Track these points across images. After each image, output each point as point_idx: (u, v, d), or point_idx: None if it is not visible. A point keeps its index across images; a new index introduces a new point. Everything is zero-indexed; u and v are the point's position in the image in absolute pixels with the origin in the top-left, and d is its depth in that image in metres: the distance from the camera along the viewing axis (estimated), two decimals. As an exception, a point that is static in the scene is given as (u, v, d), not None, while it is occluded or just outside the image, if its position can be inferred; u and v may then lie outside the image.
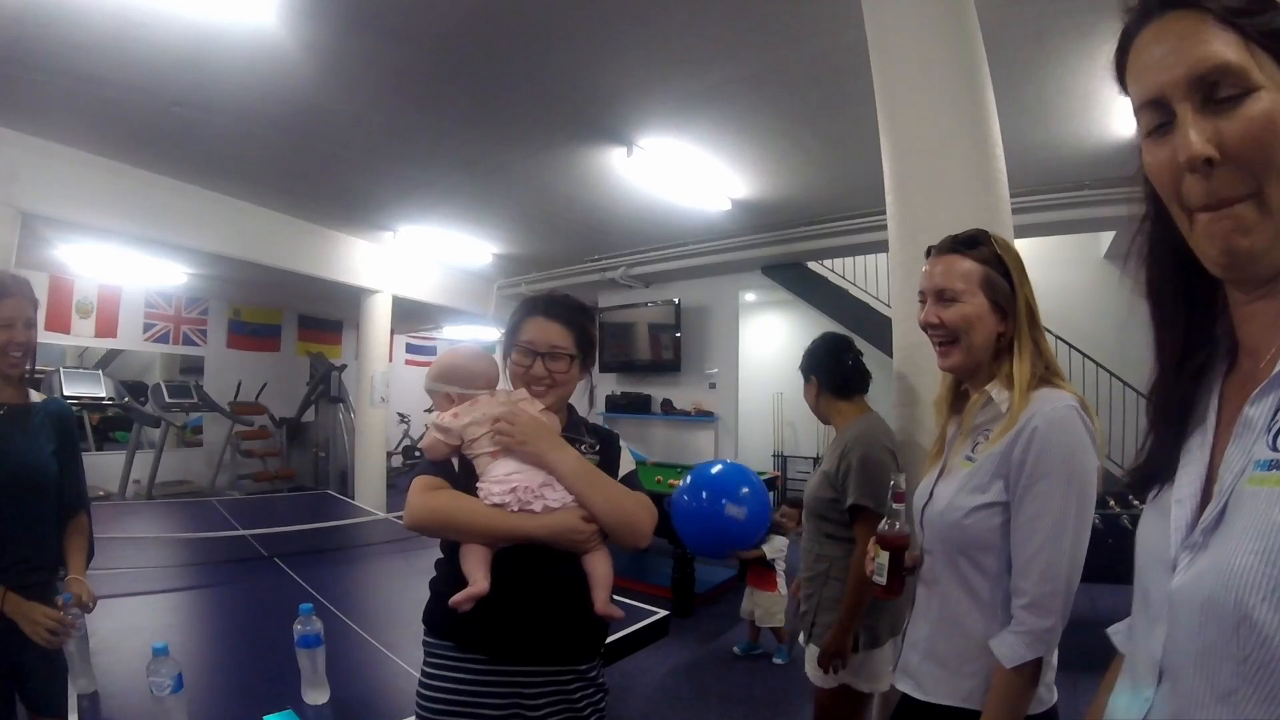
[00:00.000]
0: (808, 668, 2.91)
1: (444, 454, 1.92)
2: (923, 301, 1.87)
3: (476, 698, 1.81)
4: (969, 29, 3.11)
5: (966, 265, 1.78)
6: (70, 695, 2.30)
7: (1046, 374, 1.70)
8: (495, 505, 1.82)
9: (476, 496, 1.86)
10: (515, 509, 1.82)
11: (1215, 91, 0.77)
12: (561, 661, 1.90)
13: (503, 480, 1.84)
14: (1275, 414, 0.76)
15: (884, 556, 1.82)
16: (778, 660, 5.31)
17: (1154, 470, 0.95)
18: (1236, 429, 0.81)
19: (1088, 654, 1.60)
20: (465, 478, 1.92)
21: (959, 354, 1.78)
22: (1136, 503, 5.44)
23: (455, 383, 1.99)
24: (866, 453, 2.73)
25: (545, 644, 1.87)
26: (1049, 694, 1.67)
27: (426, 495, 1.86)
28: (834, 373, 3.03)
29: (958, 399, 1.94)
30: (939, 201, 2.94)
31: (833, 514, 2.84)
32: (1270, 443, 0.74)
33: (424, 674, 1.89)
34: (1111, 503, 5.41)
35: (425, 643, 1.92)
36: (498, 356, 2.14)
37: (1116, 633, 1.13)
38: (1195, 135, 0.77)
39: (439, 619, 1.88)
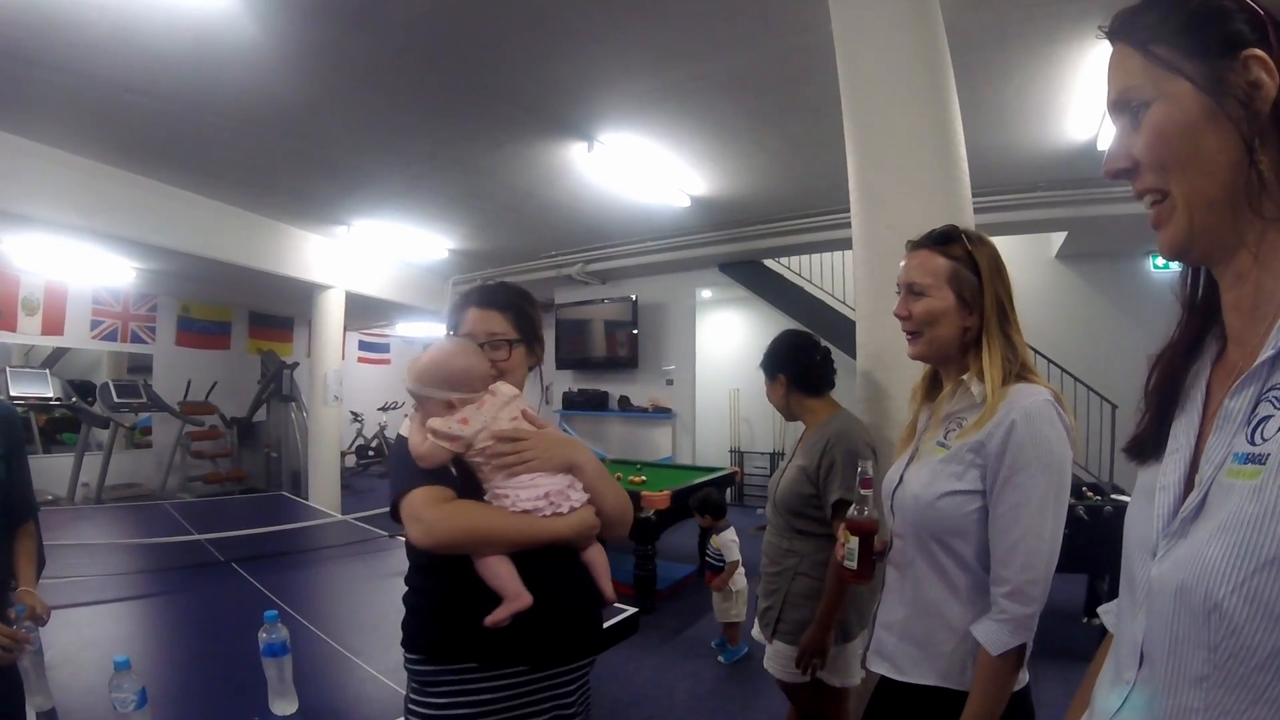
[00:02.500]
0: (770, 664, 2.90)
1: (444, 460, 1.79)
2: (899, 293, 1.91)
3: (513, 712, 1.75)
4: (934, 31, 3.16)
5: (936, 261, 1.83)
6: (28, 714, 2.21)
7: (1022, 370, 1.73)
8: (524, 511, 1.75)
9: (482, 502, 1.79)
10: (547, 513, 1.77)
11: (1134, 108, 0.88)
12: (592, 652, 1.92)
13: (530, 485, 1.78)
14: (1254, 406, 0.78)
15: (854, 542, 1.85)
16: (721, 659, 5.27)
17: (1145, 444, 0.99)
18: (1218, 420, 0.83)
19: (1041, 639, 1.63)
20: (466, 483, 1.82)
21: (923, 344, 1.86)
22: (1091, 495, 5.51)
23: (454, 385, 1.83)
24: (850, 449, 2.71)
25: (582, 639, 1.87)
26: (1023, 674, 1.70)
27: (446, 509, 1.73)
28: (805, 370, 2.99)
29: (932, 387, 1.98)
30: (903, 201, 2.98)
31: (809, 509, 2.81)
32: (1249, 435, 0.77)
33: (430, 705, 1.74)
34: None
35: (425, 673, 1.77)
36: None
37: (1107, 613, 1.17)
38: (1108, 157, 0.94)
39: (450, 641, 1.75)
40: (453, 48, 4.68)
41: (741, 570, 5.43)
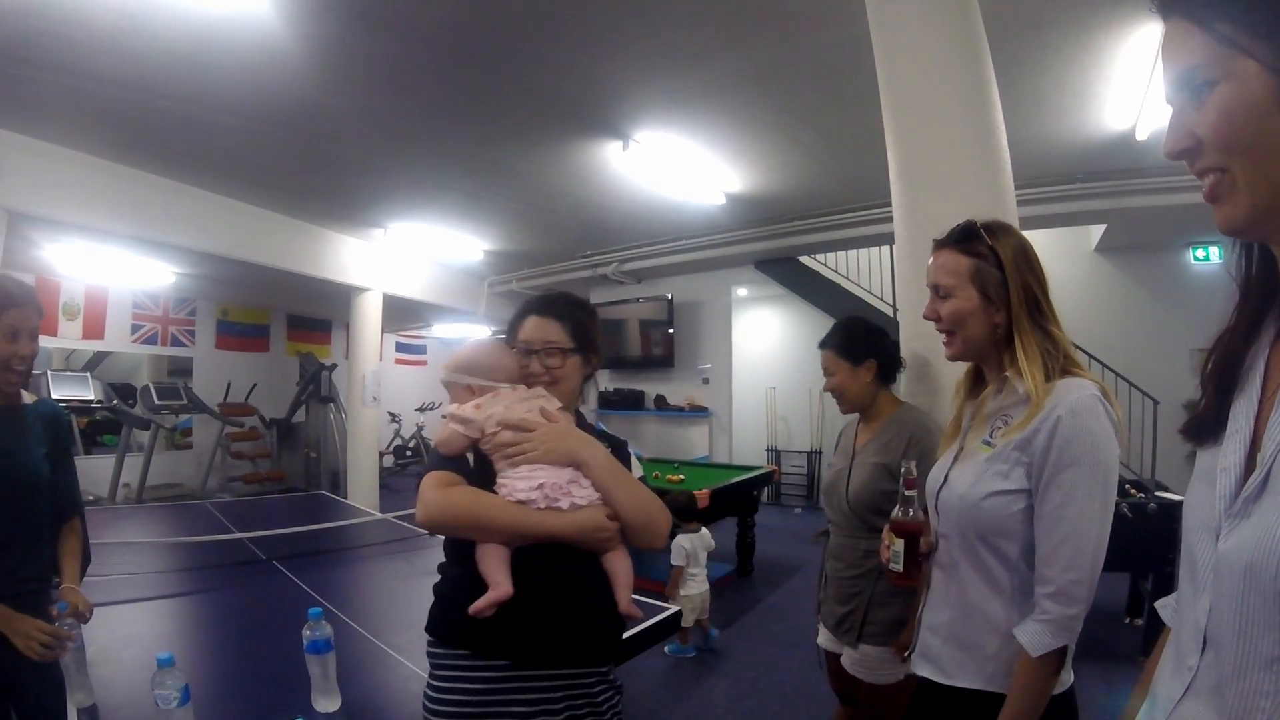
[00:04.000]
0: (858, 668, 2.77)
1: (461, 448, 1.85)
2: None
3: (498, 707, 1.74)
4: (971, 20, 3.11)
5: (959, 260, 1.82)
6: (69, 710, 2.24)
7: (1066, 363, 1.69)
8: (519, 502, 1.76)
9: (493, 492, 1.80)
10: (542, 506, 1.76)
11: (1197, 87, 0.84)
12: (587, 663, 1.85)
13: (528, 476, 1.78)
14: None
15: (899, 544, 1.84)
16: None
17: (1204, 426, 0.97)
18: (1279, 399, 0.83)
19: (1082, 639, 1.60)
20: (480, 473, 1.85)
21: (957, 344, 1.85)
22: (1135, 492, 5.43)
23: (477, 374, 1.92)
24: (938, 442, 2.64)
25: (572, 646, 1.81)
26: (1067, 675, 1.67)
27: (444, 492, 1.77)
28: (891, 359, 2.88)
29: (975, 384, 1.94)
30: (945, 193, 2.93)
31: (891, 506, 2.73)
32: None
33: (433, 688, 1.79)
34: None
35: (433, 654, 1.83)
36: None
37: (1164, 606, 1.15)
38: (1169, 136, 0.89)
39: (449, 627, 1.80)
40: (486, 49, 4.69)
41: (696, 575, 5.36)
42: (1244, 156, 0.81)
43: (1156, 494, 5.46)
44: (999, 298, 1.75)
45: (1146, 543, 4.81)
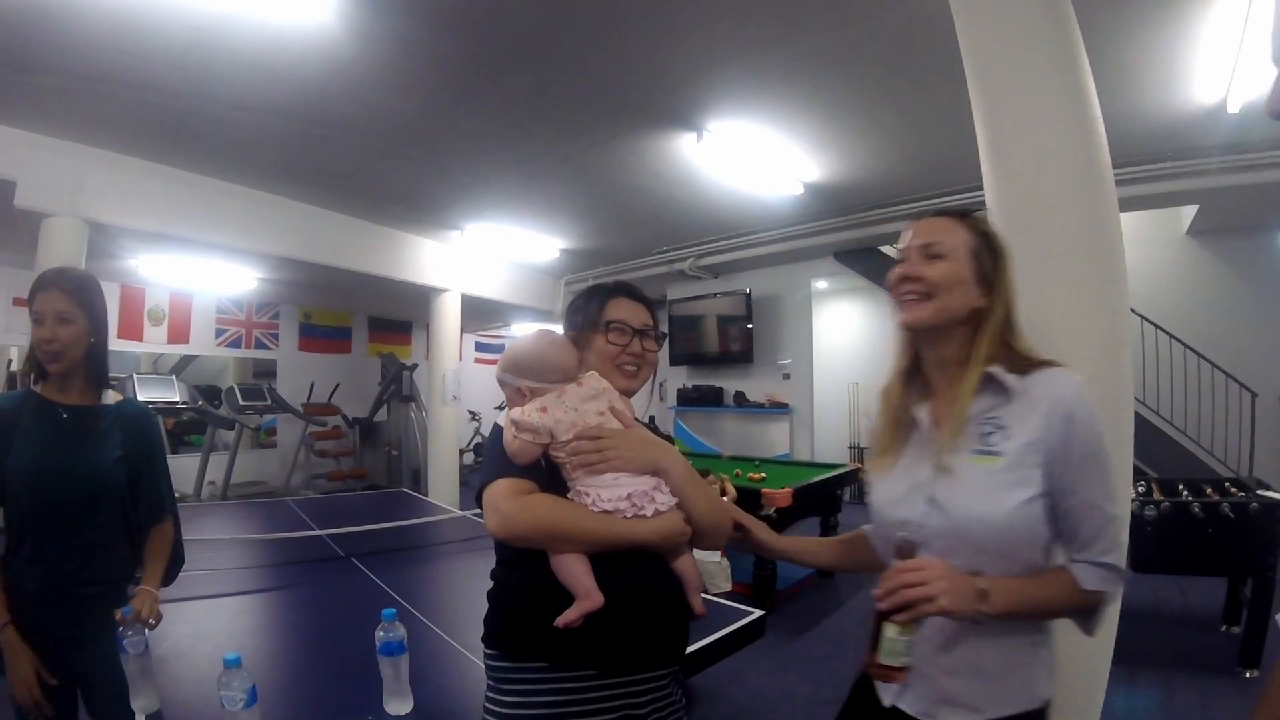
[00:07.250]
0: None
1: (534, 457, 1.74)
2: (904, 258, 1.73)
3: (582, 717, 1.68)
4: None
5: (958, 229, 1.68)
6: (136, 717, 2.21)
7: (1035, 362, 1.60)
8: (605, 511, 1.69)
9: (566, 499, 1.73)
10: (630, 515, 1.69)
11: None
12: (669, 664, 1.82)
13: (612, 485, 1.71)
14: None
15: (913, 630, 1.47)
16: None
17: None
18: None
19: (1176, 648, 1.48)
20: (554, 477, 1.77)
21: (932, 310, 1.64)
22: (1235, 491, 5.13)
23: (529, 376, 1.82)
24: None
25: (658, 649, 1.77)
26: (1046, 687, 1.59)
27: (524, 502, 1.68)
28: None
29: (909, 386, 1.78)
30: (1039, 171, 2.77)
31: None
32: None
33: (499, 703, 1.72)
34: (1209, 490, 5.10)
35: (498, 668, 1.75)
36: None
37: None
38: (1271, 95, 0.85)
39: (524, 640, 1.73)
40: (553, 46, 4.66)
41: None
42: None
43: (1258, 492, 5.06)
44: (984, 282, 1.64)
45: (1246, 545, 4.40)
